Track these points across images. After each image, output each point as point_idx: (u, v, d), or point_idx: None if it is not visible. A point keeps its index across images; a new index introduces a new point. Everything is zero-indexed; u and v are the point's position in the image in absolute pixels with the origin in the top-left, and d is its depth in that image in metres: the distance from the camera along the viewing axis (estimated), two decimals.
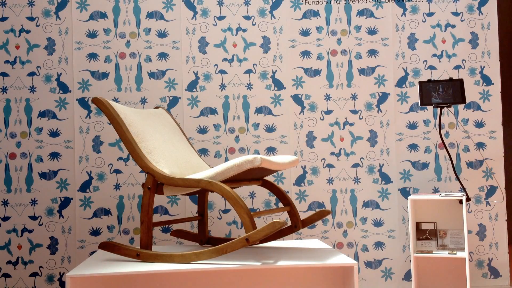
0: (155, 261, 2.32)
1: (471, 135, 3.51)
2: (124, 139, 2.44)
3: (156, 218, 3.41)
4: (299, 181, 3.49)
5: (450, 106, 3.25)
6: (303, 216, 3.41)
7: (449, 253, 3.17)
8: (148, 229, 2.39)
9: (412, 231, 3.23)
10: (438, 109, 3.29)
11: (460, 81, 3.22)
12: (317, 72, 3.52)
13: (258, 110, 3.49)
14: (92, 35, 3.45)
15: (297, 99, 3.51)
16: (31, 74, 3.43)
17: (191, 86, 3.47)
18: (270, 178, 3.46)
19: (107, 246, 2.47)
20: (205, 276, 2.44)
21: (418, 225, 3.36)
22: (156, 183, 2.41)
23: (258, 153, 3.47)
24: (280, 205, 3.45)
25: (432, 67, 3.53)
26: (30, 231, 3.38)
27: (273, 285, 2.47)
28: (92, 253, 3.35)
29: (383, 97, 3.53)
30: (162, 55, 3.47)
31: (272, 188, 2.79)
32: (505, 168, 3.52)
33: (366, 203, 3.50)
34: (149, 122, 2.66)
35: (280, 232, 2.74)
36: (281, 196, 2.77)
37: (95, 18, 3.46)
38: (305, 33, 3.53)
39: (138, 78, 3.45)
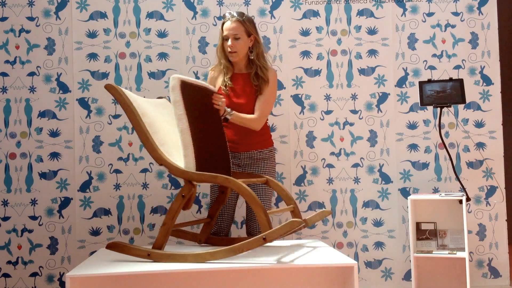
0: (168, 261, 2.28)
1: (471, 135, 3.51)
2: (138, 129, 2.34)
3: (157, 218, 3.41)
4: (299, 181, 3.49)
5: (450, 106, 3.25)
6: (303, 216, 3.41)
7: (449, 253, 3.17)
8: (167, 233, 2.36)
9: (412, 231, 3.23)
10: (438, 109, 3.29)
11: (460, 81, 3.22)
12: (317, 72, 3.52)
13: None
14: (92, 35, 3.45)
15: (297, 99, 3.51)
16: (31, 74, 3.43)
17: None
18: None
19: (116, 246, 2.39)
20: (205, 276, 2.44)
21: (418, 225, 3.36)
22: (191, 192, 2.35)
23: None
24: (281, 205, 3.45)
25: (432, 67, 3.53)
26: (30, 231, 3.38)
27: (273, 285, 2.46)
28: (92, 253, 3.35)
29: (383, 97, 3.52)
30: (162, 55, 3.46)
31: (277, 187, 2.79)
32: (505, 168, 3.52)
33: (366, 203, 3.50)
34: (158, 112, 2.61)
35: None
36: (285, 195, 2.77)
37: (95, 18, 3.46)
38: (305, 33, 3.53)
39: (138, 78, 3.45)
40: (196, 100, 2.52)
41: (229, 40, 2.89)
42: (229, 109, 2.82)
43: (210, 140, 2.59)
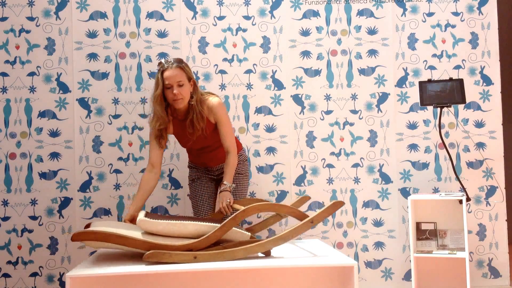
0: (215, 260, 2.24)
1: (471, 135, 3.51)
2: (137, 244, 2.27)
3: None
4: (299, 181, 3.49)
5: (450, 106, 3.25)
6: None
7: (449, 253, 3.17)
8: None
9: (412, 231, 3.23)
10: (438, 109, 3.29)
11: (460, 81, 3.22)
12: (317, 72, 3.52)
13: (258, 110, 3.49)
14: (92, 35, 3.45)
15: (297, 99, 3.51)
16: (31, 74, 3.43)
17: None
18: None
19: (155, 255, 2.21)
20: (206, 276, 2.44)
21: (418, 225, 3.36)
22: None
23: (258, 154, 3.47)
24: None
25: (432, 67, 3.53)
26: (30, 231, 3.38)
27: (273, 285, 2.46)
28: (92, 253, 3.35)
29: (383, 97, 3.53)
30: (162, 55, 3.47)
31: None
32: (505, 168, 3.52)
33: (366, 203, 3.50)
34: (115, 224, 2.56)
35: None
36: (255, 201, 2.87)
37: (95, 18, 3.46)
38: (305, 33, 3.53)
39: (138, 78, 3.45)
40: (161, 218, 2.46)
41: (174, 88, 2.74)
42: (226, 184, 2.80)
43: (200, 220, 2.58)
